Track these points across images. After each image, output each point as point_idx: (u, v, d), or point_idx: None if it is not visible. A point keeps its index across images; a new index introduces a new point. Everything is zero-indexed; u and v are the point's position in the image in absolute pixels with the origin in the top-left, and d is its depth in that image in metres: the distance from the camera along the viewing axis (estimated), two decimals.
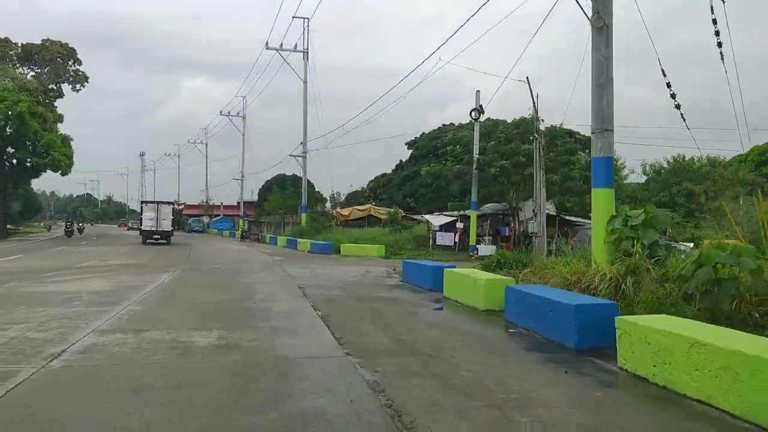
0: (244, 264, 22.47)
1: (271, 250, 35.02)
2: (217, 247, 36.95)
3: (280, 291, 13.98)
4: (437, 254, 28.38)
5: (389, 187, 59.39)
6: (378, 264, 24.06)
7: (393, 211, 37.90)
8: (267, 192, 75.99)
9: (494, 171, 25.83)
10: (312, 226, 42.25)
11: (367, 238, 34.31)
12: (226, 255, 27.98)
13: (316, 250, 31.64)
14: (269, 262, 24.17)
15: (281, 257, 27.49)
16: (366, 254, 29.05)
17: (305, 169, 42.55)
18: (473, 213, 28.20)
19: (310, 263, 23.62)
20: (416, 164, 56.55)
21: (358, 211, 49.37)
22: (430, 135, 58.16)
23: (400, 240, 33.67)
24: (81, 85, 50.80)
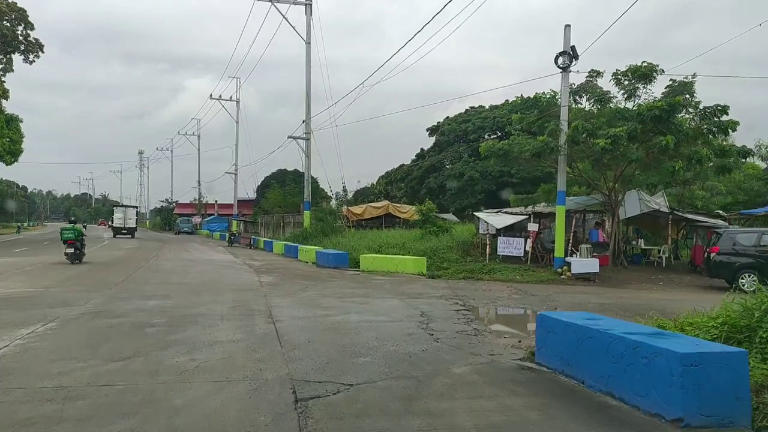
0: (206, 296, 13.16)
1: (262, 261, 25.68)
2: (190, 256, 27.60)
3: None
4: (502, 270, 19.13)
5: (409, 179, 50.06)
6: (431, 292, 14.75)
7: (425, 207, 28.63)
8: (265, 189, 66.89)
9: (602, 143, 16.53)
10: (317, 227, 33.00)
11: (394, 244, 24.99)
12: (191, 273, 18.67)
13: (325, 262, 22.35)
14: (251, 290, 14.84)
15: (273, 277, 18.18)
16: (398, 270, 19.76)
17: (308, 153, 33.27)
18: (560, 209, 18.88)
19: (319, 294, 14.32)
20: (441, 152, 47.25)
21: (373, 209, 40.14)
22: (457, 118, 48.85)
23: (438, 247, 24.35)
24: (35, 55, 41.59)
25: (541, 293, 14.86)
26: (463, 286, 16.39)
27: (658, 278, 18.91)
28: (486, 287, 16.12)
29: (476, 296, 14.05)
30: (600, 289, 16.24)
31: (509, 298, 13.93)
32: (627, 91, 19.11)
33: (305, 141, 33.28)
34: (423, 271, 19.62)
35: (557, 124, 18.76)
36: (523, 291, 15.28)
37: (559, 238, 18.89)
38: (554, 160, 19.40)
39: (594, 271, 17.93)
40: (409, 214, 39.51)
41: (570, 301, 13.48)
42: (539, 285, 16.92)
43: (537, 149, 18.18)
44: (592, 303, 13.08)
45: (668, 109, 16.59)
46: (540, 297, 14.14)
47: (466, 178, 43.34)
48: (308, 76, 32.45)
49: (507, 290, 15.54)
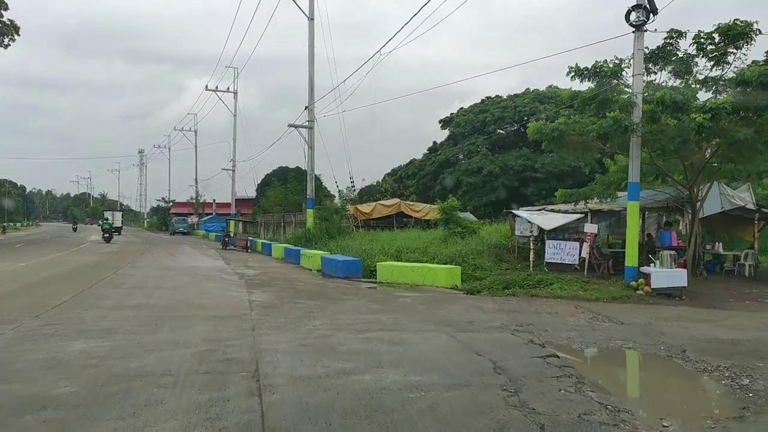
0: (166, 331, 9.22)
1: (257, 268, 21.70)
2: (173, 262, 23.61)
3: None
4: (554, 281, 15.15)
5: (421, 175, 46.04)
6: (482, 318, 10.76)
7: (448, 204, 24.63)
8: (266, 188, 63.01)
9: (699, 119, 12.52)
10: (322, 228, 29.03)
11: (414, 248, 20.98)
12: (163, 288, 14.68)
13: (333, 271, 18.40)
14: (235, 318, 10.87)
15: (268, 294, 14.22)
16: (425, 282, 15.80)
17: (311, 144, 29.27)
18: (633, 205, 14.85)
19: (330, 325, 10.34)
20: (456, 145, 43.26)
21: (383, 208, 36.12)
22: (474, 109, 44.84)
23: (466, 252, 20.36)
24: (9, 38, 37.62)
25: (630, 318, 10.89)
26: (517, 305, 12.43)
27: (754, 293, 14.91)
28: (549, 308, 12.16)
29: (546, 324, 10.09)
30: (700, 312, 12.25)
31: (594, 329, 9.94)
32: (714, 57, 15.08)
33: (308, 130, 29.30)
34: (457, 283, 15.64)
35: (629, 97, 14.74)
36: (601, 314, 11.30)
37: (631, 243, 14.89)
38: (612, 145, 15.37)
39: (681, 286, 13.94)
40: (423, 212, 35.57)
41: (684, 334, 9.51)
42: (615, 305, 12.93)
43: (605, 129, 14.14)
44: (719, 338, 9.13)
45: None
46: (634, 326, 10.18)
47: (485, 173, 39.35)
48: (311, 56, 28.47)
49: (579, 313, 11.57)
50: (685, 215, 17.21)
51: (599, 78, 16.05)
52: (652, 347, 8.49)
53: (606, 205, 18.30)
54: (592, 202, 18.60)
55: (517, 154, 39.84)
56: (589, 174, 38.81)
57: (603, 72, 15.86)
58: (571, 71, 16.21)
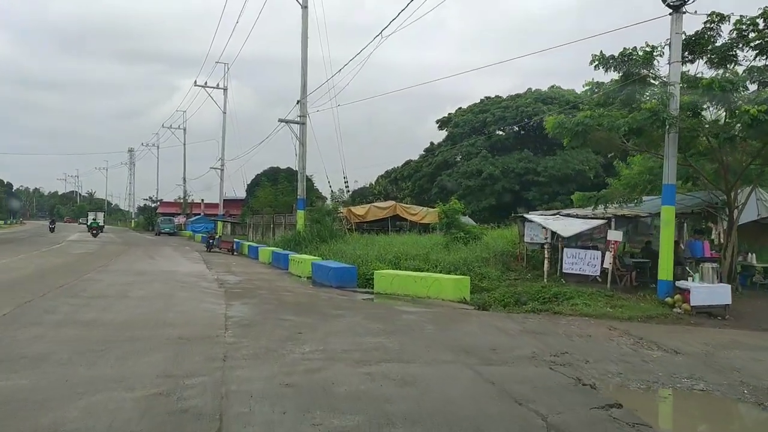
0: (111, 361, 7.22)
1: (240, 274, 19.75)
2: (148, 266, 21.58)
3: None
4: (575, 295, 13.33)
5: (417, 177, 44.21)
6: (505, 343, 8.91)
7: (450, 206, 22.81)
8: (256, 188, 60.97)
9: (753, 111, 10.77)
10: (313, 230, 27.11)
11: (413, 255, 19.17)
12: (128, 298, 12.70)
13: (325, 279, 16.52)
14: (204, 340, 8.95)
15: (249, 307, 12.31)
16: (429, 294, 13.94)
17: (303, 141, 27.33)
18: (668, 210, 13.05)
19: (322, 352, 8.41)
20: (455, 146, 41.50)
21: (377, 210, 34.33)
22: (473, 108, 43.10)
23: (471, 260, 18.57)
24: None
25: (680, 345, 9.09)
26: (541, 325, 10.60)
27: None
28: (578, 329, 10.33)
29: (584, 352, 8.26)
30: (755, 336, 10.50)
31: (644, 359, 8.11)
32: (759, 46, 13.37)
33: (299, 126, 27.38)
34: (466, 296, 13.79)
35: (664, 89, 12.99)
36: (644, 339, 9.49)
37: (666, 253, 13.07)
38: (641, 142, 13.62)
39: (724, 304, 12.17)
40: (420, 216, 33.80)
41: (760, 369, 7.73)
42: (653, 326, 11.14)
43: (640, 122, 12.35)
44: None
45: None
46: (692, 356, 8.38)
47: (485, 175, 37.57)
48: (304, 47, 26.53)
49: (617, 336, 9.76)
50: (718, 222, 15.45)
51: (627, 67, 14.32)
52: (732, 389, 6.68)
53: (628, 210, 16.51)
54: (611, 206, 16.81)
55: (518, 157, 38.14)
56: (593, 178, 37.32)
57: (632, 60, 14.12)
58: (595, 60, 14.45)
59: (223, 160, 55.08)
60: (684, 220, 17.40)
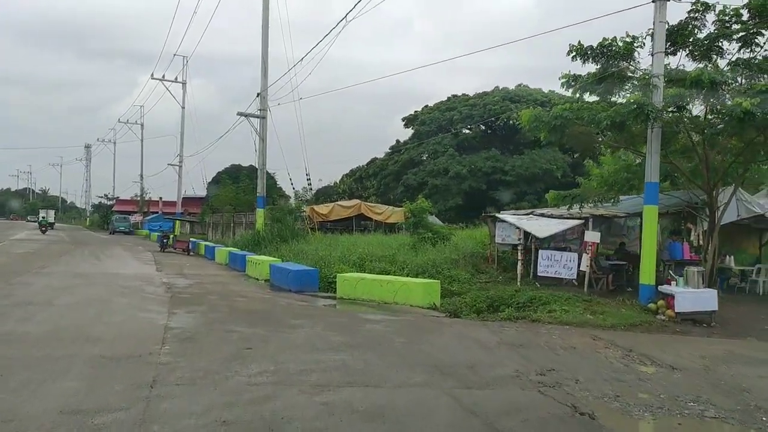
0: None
1: (193, 276, 18.33)
2: (92, 267, 19.94)
3: None
4: (551, 300, 12.43)
5: (383, 175, 43.16)
6: (484, 358, 7.86)
7: (417, 205, 21.82)
8: (217, 186, 59.04)
9: (746, 104, 10.01)
10: (273, 230, 25.81)
11: (379, 256, 18.09)
12: (54, 306, 11.19)
13: (284, 282, 15.33)
14: (132, 360, 7.57)
15: (194, 316, 11.05)
16: (396, 299, 12.86)
17: (264, 136, 25.94)
18: (650, 210, 12.26)
19: (273, 374, 7.24)
20: (421, 144, 40.61)
21: (341, 209, 33.16)
22: (440, 106, 42.29)
23: (439, 261, 17.63)
24: None
25: (674, 358, 8.23)
26: (520, 336, 9.62)
27: None
28: (560, 339, 9.40)
29: (572, 369, 7.32)
30: (749, 346, 9.73)
31: (640, 377, 7.19)
32: (742, 38, 12.72)
33: (260, 120, 26.00)
34: (436, 301, 12.76)
35: (647, 76, 12.21)
36: (633, 351, 8.61)
37: (648, 255, 12.29)
38: (621, 138, 12.84)
39: (711, 310, 11.42)
40: (386, 215, 32.75)
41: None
42: (638, 335, 10.30)
43: (623, 116, 11.51)
44: None
45: None
46: (690, 372, 7.51)
47: (452, 174, 36.74)
48: (265, 34, 25.15)
49: (604, 348, 8.86)
50: (698, 223, 14.78)
51: (606, 59, 13.51)
52: (748, 416, 5.79)
53: (604, 210, 15.75)
54: (587, 206, 16.03)
55: (485, 156, 37.46)
56: (561, 178, 36.86)
57: (612, 51, 13.31)
58: (573, 50, 13.60)
59: (181, 156, 53.10)
60: (660, 220, 16.77)
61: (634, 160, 17.77)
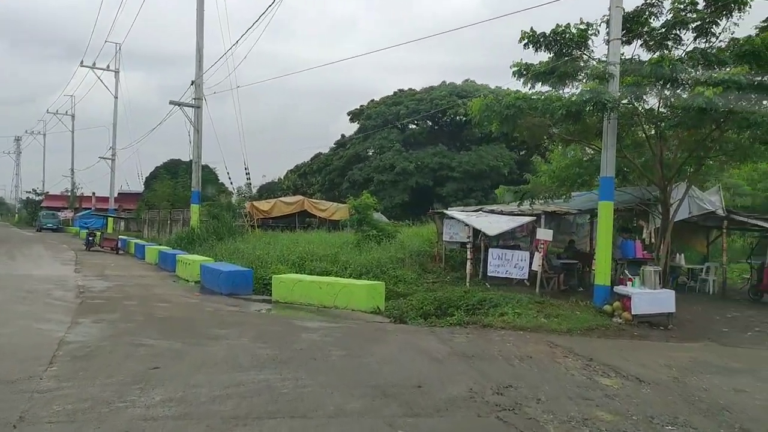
0: None
1: (114, 280, 16.70)
2: (4, 268, 18.02)
3: None
4: (503, 302, 11.68)
5: (327, 171, 41.90)
6: (434, 373, 6.85)
7: (361, 201, 20.76)
8: (153, 181, 56.35)
9: (709, 93, 9.40)
10: (210, 227, 24.25)
11: (321, 255, 17.00)
12: None
13: (215, 284, 14.01)
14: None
15: (100, 327, 9.63)
16: (337, 303, 11.77)
17: (199, 127, 24.30)
18: (606, 206, 11.60)
19: (179, 401, 5.99)
20: (367, 139, 39.61)
21: (284, 205, 31.80)
22: (386, 101, 41.35)
23: (384, 260, 16.73)
24: None
25: (638, 368, 7.49)
26: (472, 344, 8.72)
27: (737, 317, 12.21)
28: (515, 347, 8.56)
29: (532, 385, 6.47)
30: (712, 351, 9.14)
31: (607, 393, 6.39)
32: (698, 28, 12.27)
33: (194, 109, 24.36)
34: (380, 305, 11.74)
35: (602, 64, 11.57)
36: (594, 360, 7.84)
37: (603, 254, 11.62)
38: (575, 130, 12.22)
39: (669, 312, 10.86)
40: (330, 212, 31.58)
41: (750, 405, 6.18)
42: (595, 340, 9.60)
43: (578, 105, 10.78)
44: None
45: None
46: (661, 386, 6.76)
47: (398, 170, 35.86)
48: (200, 16, 23.49)
49: (562, 357, 8.07)
50: (650, 221, 14.32)
51: (559, 46, 12.83)
52: None
53: (556, 206, 15.12)
54: (537, 202, 15.37)
55: (432, 151, 36.76)
56: (507, 174, 36.58)
57: (565, 38, 12.63)
58: (525, 37, 12.89)
59: (114, 149, 50.35)
60: (620, 216, 16.31)
61: (584, 156, 17.30)
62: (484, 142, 36.98)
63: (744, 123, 10.29)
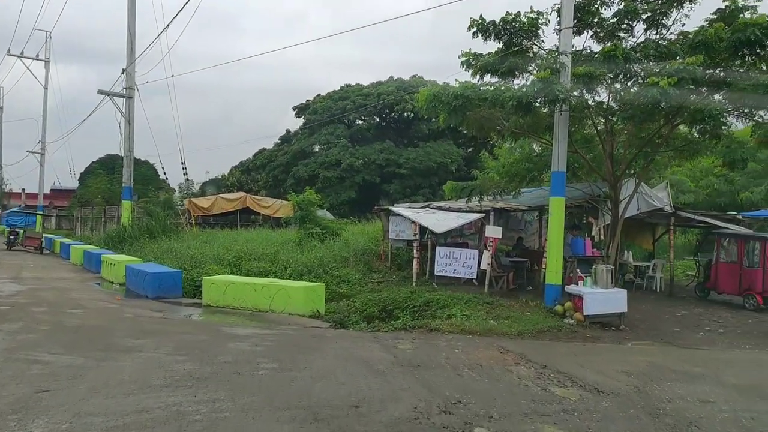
0: None
1: (27, 282, 15.26)
2: None
3: None
4: (451, 303, 11.10)
5: (272, 167, 40.59)
6: (376, 392, 6.03)
7: (304, 197, 19.81)
8: (89, 177, 53.59)
9: (664, 83, 9.00)
10: (143, 226, 22.78)
11: (259, 254, 16.03)
12: None
13: (141, 287, 12.85)
14: None
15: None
16: (273, 307, 10.85)
17: (130, 118, 22.77)
18: (557, 201, 11.10)
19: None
20: (312, 135, 38.59)
21: (225, 202, 30.55)
22: (333, 95, 40.34)
23: (328, 259, 15.97)
24: None
25: (595, 375, 6.95)
26: (418, 351, 8.01)
27: (686, 315, 11.98)
28: (464, 354, 7.90)
29: (483, 399, 5.83)
30: (667, 353, 8.73)
31: (565, 407, 5.78)
32: (649, 20, 11.95)
33: (126, 99, 22.83)
34: (320, 308, 10.89)
35: (554, 53, 11.08)
36: (548, 368, 7.26)
37: (554, 252, 11.12)
38: (525, 124, 11.74)
39: (621, 312, 10.45)
40: (273, 209, 30.51)
41: (716, 417, 5.66)
42: (548, 344, 9.05)
43: (530, 96, 10.22)
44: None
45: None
46: (621, 397, 6.21)
47: (344, 166, 35.00)
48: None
49: (514, 364, 7.46)
50: (600, 217, 13.99)
51: (509, 36, 12.27)
52: None
53: (505, 203, 14.62)
54: (486, 199, 14.83)
55: (379, 148, 36.06)
56: (455, 171, 36.25)
57: (515, 27, 12.08)
58: (474, 25, 12.28)
59: (44, 143, 47.48)
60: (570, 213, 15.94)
61: (533, 153, 16.91)
62: (432, 138, 36.55)
63: (698, 115, 9.96)
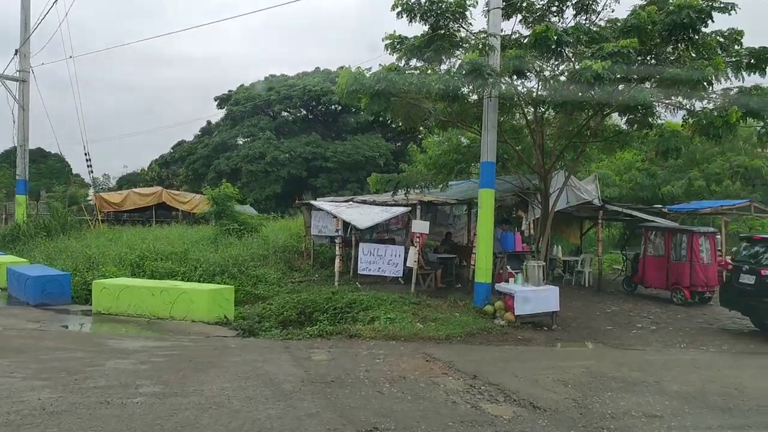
0: None
1: None
2: None
3: None
4: (375, 304, 10.29)
5: (191, 160, 38.44)
6: (284, 421, 4.99)
7: (220, 191, 18.37)
8: None
9: (598, 67, 8.42)
10: (41, 223, 20.60)
11: (168, 253, 14.62)
12: None
13: (23, 293, 11.24)
14: None
15: None
16: (173, 313, 9.59)
17: (25, 104, 20.50)
18: (486, 193, 10.38)
19: None
20: (235, 126, 36.86)
21: (138, 197, 28.52)
22: (257, 85, 38.60)
23: (244, 257, 14.78)
24: None
25: (536, 391, 6.23)
26: (334, 363, 7.06)
27: (616, 311, 11.63)
28: (386, 365, 7.02)
29: (403, 423, 4.96)
30: (602, 355, 8.17)
31: (499, 430, 4.96)
32: (578, 5, 11.47)
33: (19, 83, 20.57)
34: (228, 314, 9.71)
35: (483, 35, 10.36)
36: (478, 378, 6.50)
37: (484, 248, 10.42)
38: (453, 111, 11.01)
39: (553, 311, 9.88)
40: (192, 204, 28.73)
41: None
42: (477, 348, 8.33)
43: (457, 81, 9.41)
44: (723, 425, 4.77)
45: (706, 10, 9.07)
46: (561, 415, 5.50)
47: (269, 159, 33.51)
48: None
49: (440, 374, 6.66)
50: (529, 211, 13.47)
51: (436, 17, 11.44)
52: None
53: (433, 196, 13.87)
54: (413, 192, 14.03)
55: (305, 141, 34.80)
56: (384, 165, 35.47)
57: (442, 8, 11.26)
58: (398, 5, 11.36)
59: None
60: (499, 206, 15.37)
61: (462, 143, 16.30)
62: (360, 131, 35.63)
63: (632, 102, 9.48)
